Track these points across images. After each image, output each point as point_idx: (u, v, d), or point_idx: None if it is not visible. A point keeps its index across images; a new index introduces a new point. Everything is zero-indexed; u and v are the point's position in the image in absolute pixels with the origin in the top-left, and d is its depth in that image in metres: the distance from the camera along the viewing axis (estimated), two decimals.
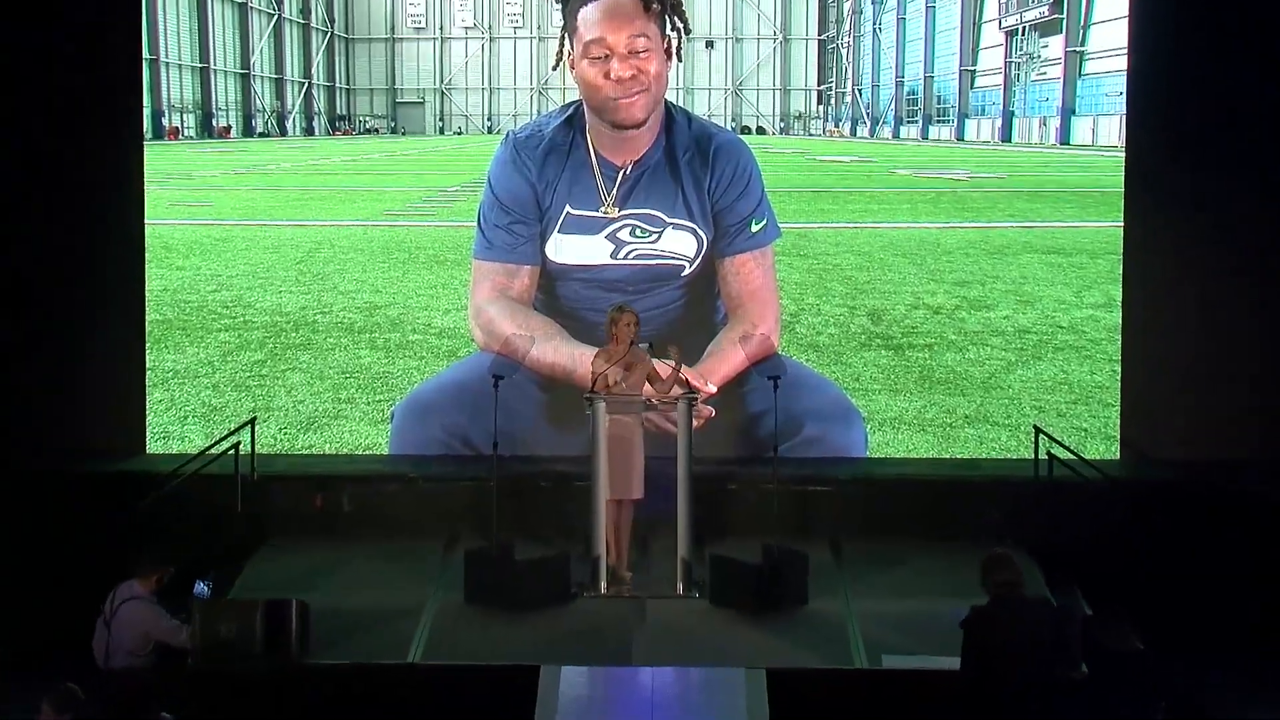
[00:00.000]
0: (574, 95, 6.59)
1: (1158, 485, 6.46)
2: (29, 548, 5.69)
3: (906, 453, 7.42)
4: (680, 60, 6.54)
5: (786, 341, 8.85)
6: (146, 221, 7.03)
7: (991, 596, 4.50)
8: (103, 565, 5.10)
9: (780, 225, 6.82)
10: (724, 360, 6.43)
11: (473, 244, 6.70)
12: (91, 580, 5.05)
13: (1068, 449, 6.39)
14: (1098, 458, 6.85)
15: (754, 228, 6.63)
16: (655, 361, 5.84)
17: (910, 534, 6.27)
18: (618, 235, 6.65)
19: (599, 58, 6.16)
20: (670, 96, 6.63)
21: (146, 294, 7.15)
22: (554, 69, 6.47)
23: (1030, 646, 4.38)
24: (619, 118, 6.32)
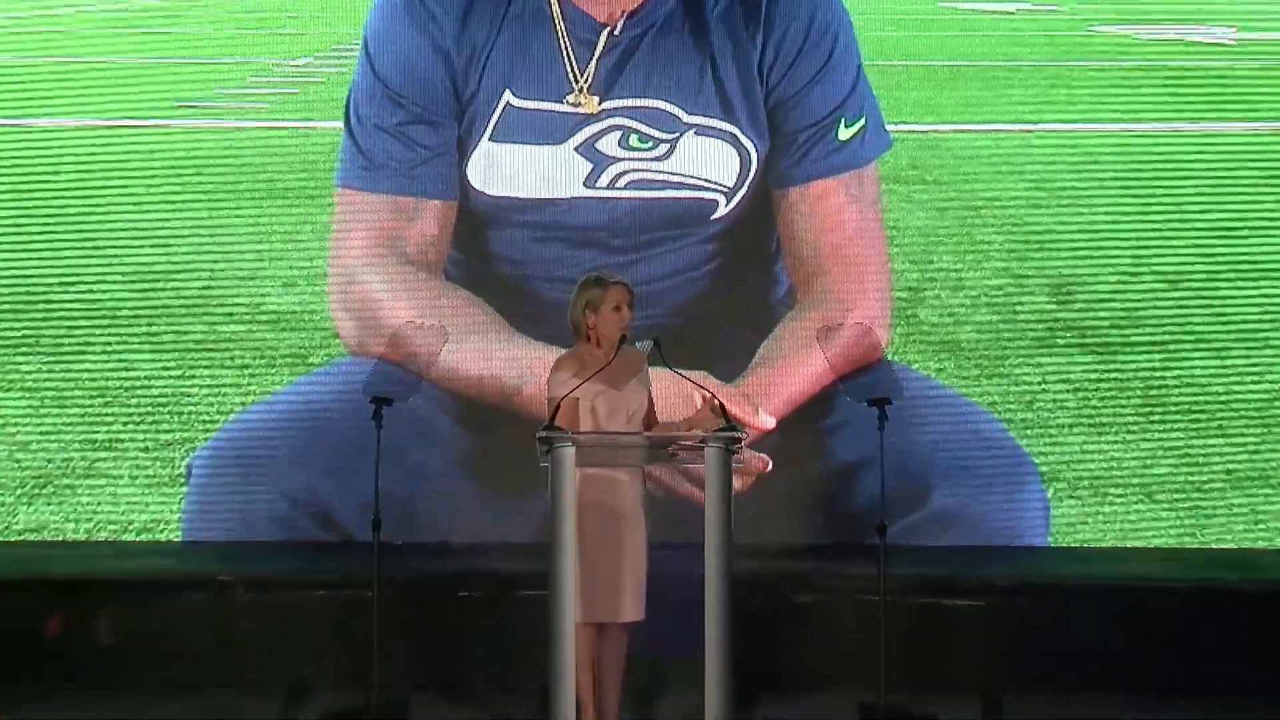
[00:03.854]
0: None
1: None
2: None
3: (1122, 537, 7.41)
4: None
5: (901, 337, 8.88)
6: None
7: None
8: None
9: (890, 129, 6.84)
10: (790, 371, 6.45)
11: (338, 161, 6.72)
12: None
13: None
14: None
15: (844, 133, 6.66)
16: (663, 371, 5.83)
17: (1129, 682, 6.27)
18: (598, 146, 6.67)
19: None
20: None
21: None
22: None
23: None
24: None
